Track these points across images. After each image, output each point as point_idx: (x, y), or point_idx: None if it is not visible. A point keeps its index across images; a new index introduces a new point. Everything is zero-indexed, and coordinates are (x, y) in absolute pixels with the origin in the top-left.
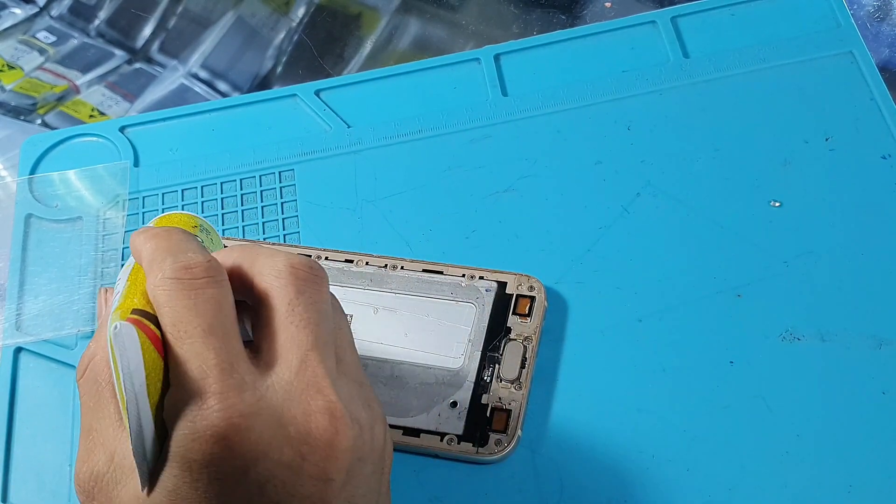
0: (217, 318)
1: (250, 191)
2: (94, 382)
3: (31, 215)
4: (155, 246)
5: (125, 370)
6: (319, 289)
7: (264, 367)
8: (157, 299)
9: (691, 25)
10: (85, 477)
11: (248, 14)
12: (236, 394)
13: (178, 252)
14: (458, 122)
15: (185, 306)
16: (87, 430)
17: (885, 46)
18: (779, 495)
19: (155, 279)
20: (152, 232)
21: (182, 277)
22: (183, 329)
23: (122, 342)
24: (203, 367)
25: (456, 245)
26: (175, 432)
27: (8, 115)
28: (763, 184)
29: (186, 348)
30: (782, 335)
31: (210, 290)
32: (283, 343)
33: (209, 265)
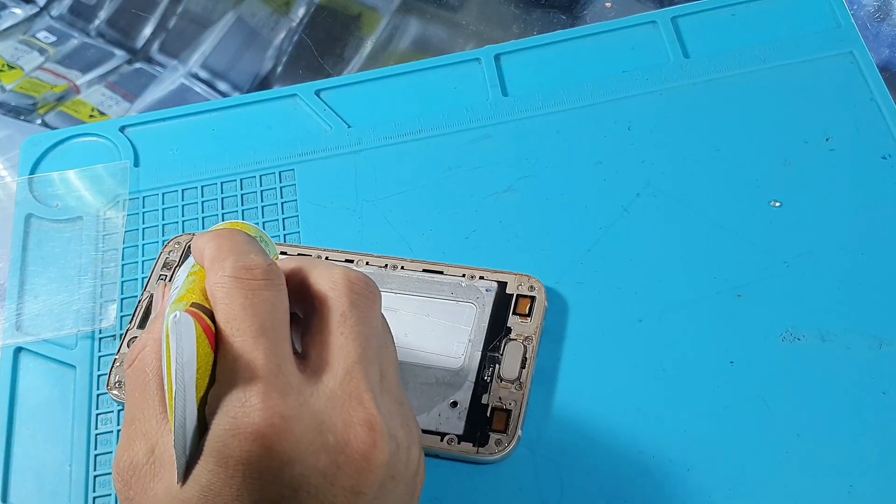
0: (270, 320)
1: (250, 191)
2: (142, 373)
3: (32, 215)
4: (218, 245)
5: (178, 360)
6: (372, 305)
7: (310, 374)
8: (214, 295)
9: (691, 25)
10: (124, 465)
11: (249, 14)
12: (280, 396)
13: (240, 252)
14: (458, 122)
15: (241, 305)
16: (130, 420)
17: (885, 46)
18: (779, 495)
19: (215, 276)
20: (216, 232)
21: (241, 277)
22: (236, 327)
23: (180, 332)
24: (250, 365)
25: (456, 245)
26: (214, 427)
27: (8, 115)
28: (763, 184)
29: (237, 346)
30: (782, 335)
31: (267, 292)
32: (330, 352)
33: (269, 268)
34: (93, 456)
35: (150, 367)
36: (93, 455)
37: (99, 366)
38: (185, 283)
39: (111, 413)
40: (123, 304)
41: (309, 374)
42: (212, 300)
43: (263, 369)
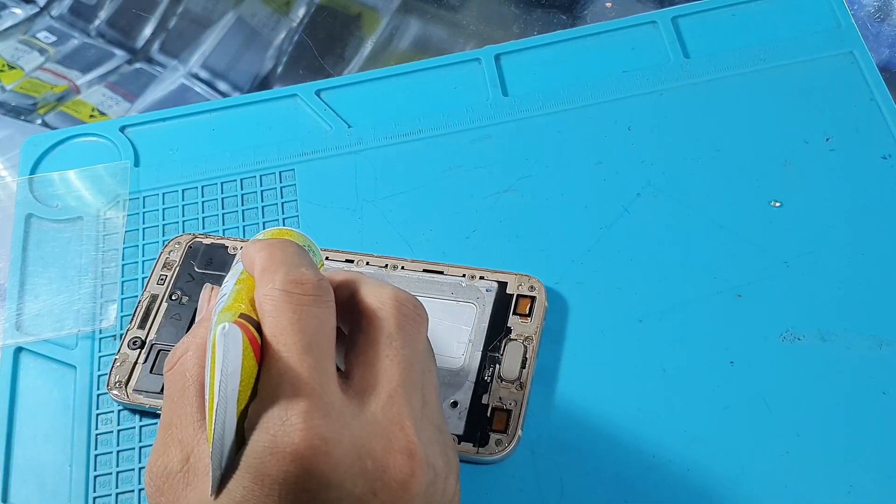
0: (317, 336)
1: (251, 191)
2: (182, 377)
3: (32, 215)
4: (269, 255)
5: (223, 372)
6: (419, 328)
7: (352, 395)
8: (262, 308)
9: (691, 25)
10: (157, 471)
11: (249, 14)
12: (321, 416)
13: (291, 265)
14: (459, 122)
15: (289, 320)
16: (166, 425)
17: (885, 46)
18: (779, 495)
19: (265, 288)
20: (268, 242)
21: (291, 291)
22: (283, 342)
23: (227, 343)
24: (294, 383)
25: (456, 245)
26: (253, 443)
27: (8, 115)
28: (763, 184)
29: (282, 361)
30: (782, 335)
31: (316, 308)
32: (374, 374)
33: (319, 284)
34: (93, 456)
35: (191, 372)
36: (93, 455)
37: (99, 366)
38: (233, 290)
39: (111, 413)
40: (124, 304)
41: (351, 396)
42: (260, 312)
43: (307, 388)
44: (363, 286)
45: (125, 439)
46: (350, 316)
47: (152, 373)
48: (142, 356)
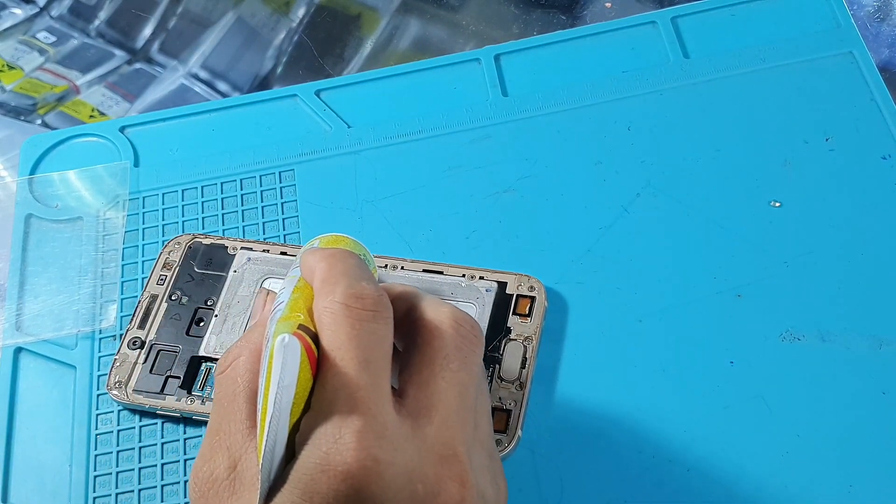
0: (375, 353)
1: (250, 191)
2: (233, 382)
3: (32, 215)
4: (330, 266)
5: (280, 384)
6: (476, 350)
7: (405, 416)
8: (321, 320)
9: (691, 26)
10: (203, 477)
11: (249, 14)
12: (375, 437)
13: (352, 278)
14: (458, 123)
15: (348, 335)
16: (214, 429)
17: (885, 46)
18: (779, 495)
19: (324, 301)
20: (329, 252)
21: (351, 305)
22: (340, 357)
23: (286, 355)
24: (349, 399)
25: (456, 245)
26: (303, 458)
27: (8, 115)
28: (763, 184)
29: (338, 377)
30: (782, 335)
31: (375, 324)
32: (429, 395)
33: (379, 299)
34: (93, 456)
35: (243, 378)
36: (93, 455)
37: (99, 366)
38: (291, 298)
39: (111, 413)
40: (123, 305)
41: (404, 416)
42: (318, 324)
43: (362, 406)
44: (421, 302)
45: (125, 439)
46: (406, 332)
47: (152, 373)
48: (141, 356)
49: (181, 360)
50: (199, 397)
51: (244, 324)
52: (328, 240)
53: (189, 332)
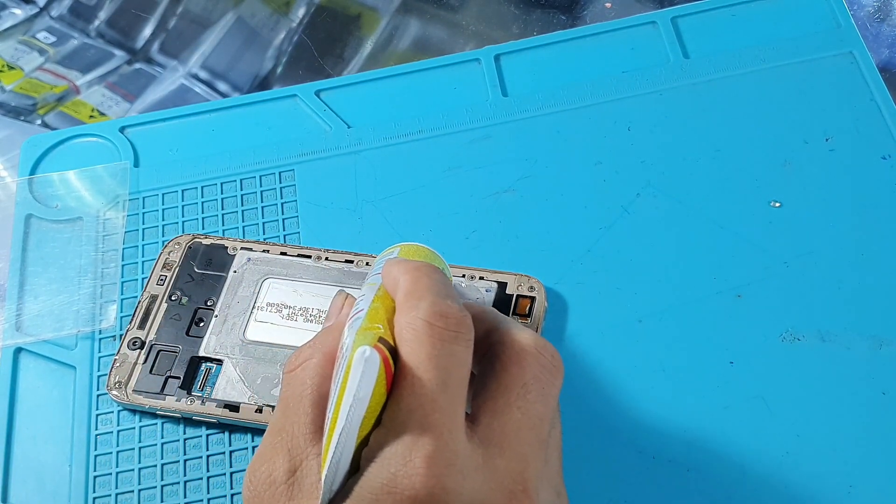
0: (453, 376)
1: (250, 191)
2: (302, 384)
3: (32, 216)
4: (415, 280)
5: (355, 396)
6: (555, 382)
7: (477, 444)
8: (402, 335)
9: (691, 26)
10: (261, 477)
11: (249, 14)
12: (445, 464)
13: (437, 295)
14: (458, 123)
15: (428, 354)
16: (277, 428)
17: (885, 47)
18: (779, 495)
19: (407, 316)
20: (414, 265)
21: (434, 323)
22: (418, 376)
23: (365, 369)
24: (423, 422)
25: (456, 245)
26: (370, 476)
27: (8, 115)
28: (763, 184)
29: (414, 397)
30: (782, 335)
31: (456, 346)
32: (503, 425)
33: (463, 320)
34: (93, 456)
35: (312, 380)
36: (93, 455)
37: (99, 366)
38: (371, 307)
39: (111, 414)
40: (123, 305)
41: (475, 444)
42: (398, 339)
43: (435, 430)
44: (501, 325)
45: (125, 440)
46: (482, 355)
47: (152, 373)
48: (141, 356)
49: (181, 361)
50: (198, 398)
51: (244, 324)
52: (410, 250)
53: (189, 333)
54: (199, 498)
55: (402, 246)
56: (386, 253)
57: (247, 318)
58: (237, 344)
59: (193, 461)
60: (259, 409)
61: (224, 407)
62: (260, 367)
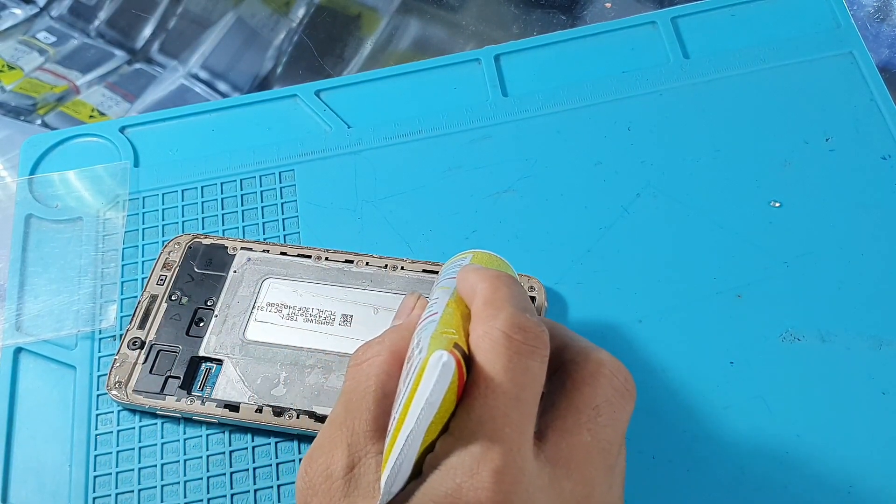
0: (527, 392)
1: (250, 191)
2: (366, 379)
3: (32, 216)
4: (494, 289)
5: (427, 401)
6: (626, 406)
7: (543, 462)
8: (478, 345)
9: (691, 26)
10: (318, 469)
11: (249, 14)
12: (512, 481)
13: (517, 307)
14: (458, 123)
15: (504, 367)
16: (338, 422)
17: (885, 47)
18: (779, 495)
19: (485, 325)
20: (493, 274)
21: (513, 336)
22: (492, 388)
23: (440, 374)
24: (493, 435)
25: (456, 245)
26: (434, 482)
27: (8, 115)
28: (763, 184)
29: (486, 408)
30: (782, 335)
31: (532, 361)
32: (571, 446)
33: (541, 335)
34: (93, 456)
35: (378, 378)
36: (93, 456)
37: (99, 366)
38: (445, 312)
39: (111, 414)
40: (123, 305)
41: (542, 463)
42: (474, 347)
43: (505, 445)
44: (575, 343)
45: (125, 440)
46: (552, 371)
47: (152, 373)
48: (141, 356)
49: (181, 361)
50: (198, 397)
51: (244, 324)
52: (482, 257)
53: (189, 333)
54: (198, 498)
55: (474, 253)
56: (457, 259)
57: (247, 318)
58: (237, 344)
59: (193, 461)
60: (259, 409)
61: (224, 407)
62: (260, 366)
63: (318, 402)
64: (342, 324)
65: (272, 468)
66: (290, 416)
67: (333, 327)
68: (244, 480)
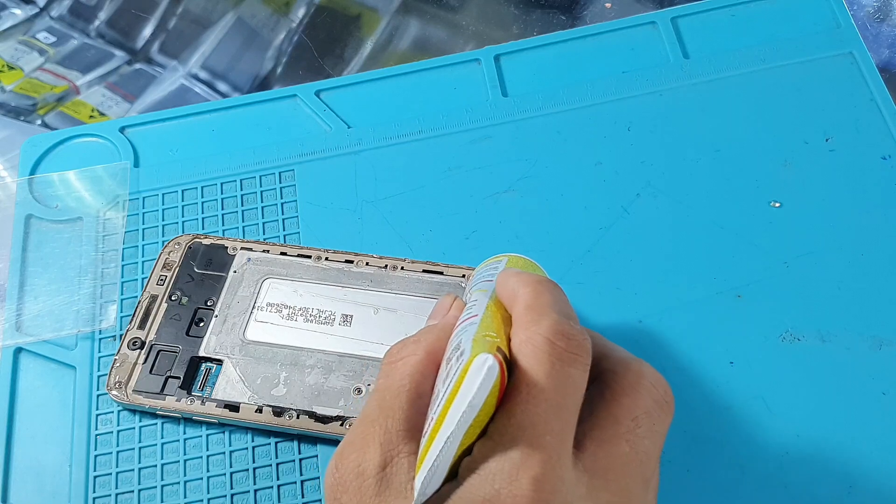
0: (568, 400)
1: (250, 191)
2: (402, 378)
3: (32, 216)
4: (537, 294)
5: (469, 404)
6: (666, 418)
7: (581, 472)
8: (521, 350)
9: (691, 26)
10: (349, 467)
11: (249, 15)
12: (551, 490)
13: (560, 313)
14: (458, 123)
15: (547, 373)
16: (371, 419)
17: (885, 47)
18: (779, 495)
19: (528, 331)
20: (535, 279)
21: (556, 342)
22: (534, 395)
23: (484, 378)
24: (534, 442)
25: (456, 245)
26: (471, 487)
27: (8, 115)
28: (763, 184)
29: (528, 415)
30: (782, 335)
31: (574, 369)
32: (609, 457)
33: (584, 343)
34: (93, 457)
35: (412, 378)
36: (93, 456)
37: (99, 366)
38: (485, 314)
39: (111, 414)
40: (123, 305)
41: (580, 473)
42: (516, 352)
43: (545, 453)
44: (614, 353)
45: (125, 440)
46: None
47: (152, 373)
48: (141, 357)
49: (181, 361)
50: (198, 398)
51: (244, 324)
52: (518, 262)
53: (189, 333)
54: (198, 498)
55: (509, 256)
56: (491, 262)
57: (247, 318)
58: (237, 344)
59: (193, 461)
60: (259, 409)
61: (224, 407)
62: (260, 367)
63: (318, 402)
64: (342, 324)
65: (272, 468)
66: (290, 416)
67: (333, 327)
68: (244, 480)
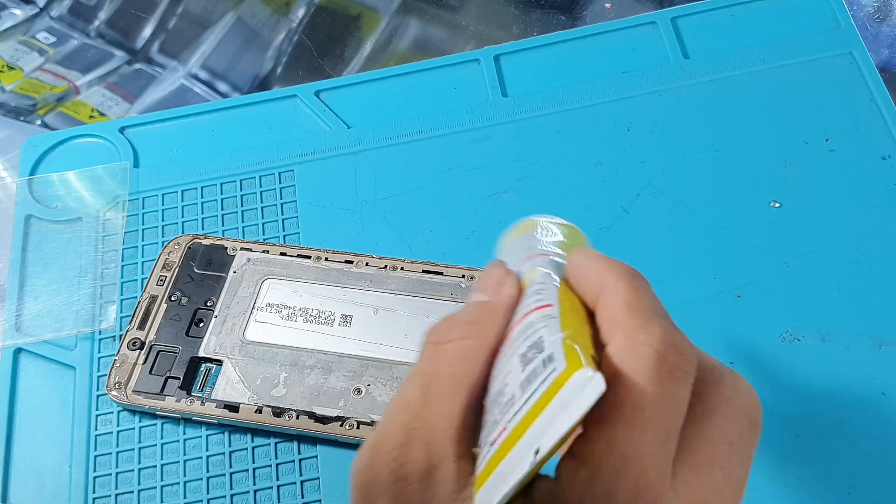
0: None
1: (250, 191)
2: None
3: (31, 216)
4: (638, 293)
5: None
6: (756, 441)
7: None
8: (624, 360)
9: (691, 26)
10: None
11: (248, 15)
12: None
13: (668, 321)
14: (458, 123)
15: (656, 394)
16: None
17: (884, 47)
18: (779, 495)
19: (634, 338)
20: (628, 269)
21: (668, 357)
22: (640, 421)
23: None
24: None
25: (456, 245)
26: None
27: (8, 115)
28: (763, 184)
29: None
30: (782, 335)
31: (684, 390)
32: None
33: (693, 359)
34: (92, 457)
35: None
36: (92, 456)
37: (99, 367)
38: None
39: (111, 414)
40: (123, 305)
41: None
42: (618, 363)
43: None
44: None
45: (124, 440)
46: None
47: (152, 374)
48: (141, 357)
49: (181, 361)
50: (198, 398)
51: (244, 324)
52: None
53: (189, 333)
54: (198, 498)
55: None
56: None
57: (246, 318)
58: (237, 344)
59: (193, 462)
60: (259, 409)
61: (224, 407)
62: (259, 367)
63: (318, 402)
64: (342, 324)
65: (272, 469)
66: (289, 416)
67: (333, 328)
68: (244, 481)
